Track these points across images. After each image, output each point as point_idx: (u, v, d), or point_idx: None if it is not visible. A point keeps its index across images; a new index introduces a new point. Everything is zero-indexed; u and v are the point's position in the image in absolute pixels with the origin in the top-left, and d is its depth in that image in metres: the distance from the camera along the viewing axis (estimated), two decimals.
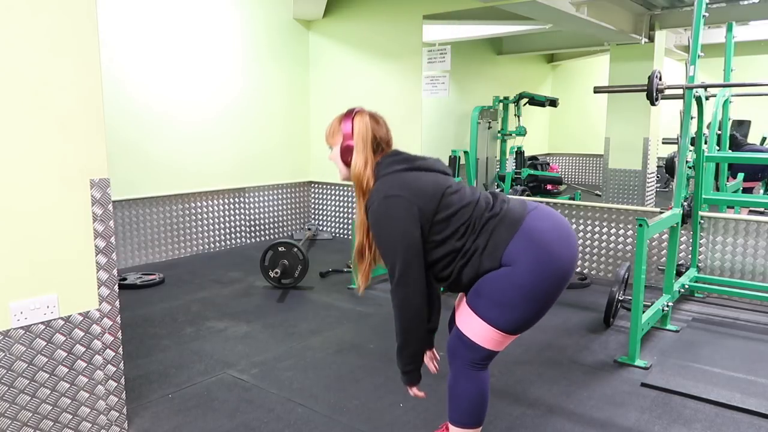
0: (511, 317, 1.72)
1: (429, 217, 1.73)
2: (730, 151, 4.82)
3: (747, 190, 5.47)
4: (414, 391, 1.91)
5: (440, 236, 1.75)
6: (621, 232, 4.51)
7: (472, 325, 1.76)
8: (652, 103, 3.38)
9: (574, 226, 4.72)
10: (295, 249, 4.21)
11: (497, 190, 6.54)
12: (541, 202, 4.91)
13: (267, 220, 5.97)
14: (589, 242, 4.67)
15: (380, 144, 1.87)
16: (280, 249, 4.24)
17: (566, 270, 1.73)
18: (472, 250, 1.74)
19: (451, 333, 1.88)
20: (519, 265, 1.70)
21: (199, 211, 5.35)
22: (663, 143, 5.98)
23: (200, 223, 5.36)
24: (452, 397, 1.86)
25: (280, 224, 6.12)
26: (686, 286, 3.78)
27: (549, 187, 7.19)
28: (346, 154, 1.84)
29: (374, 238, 1.78)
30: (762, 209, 4.92)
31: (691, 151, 3.80)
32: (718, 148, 4.51)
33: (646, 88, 3.34)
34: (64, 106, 1.97)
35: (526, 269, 1.69)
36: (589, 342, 3.28)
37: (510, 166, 6.93)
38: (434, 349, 2.05)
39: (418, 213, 1.71)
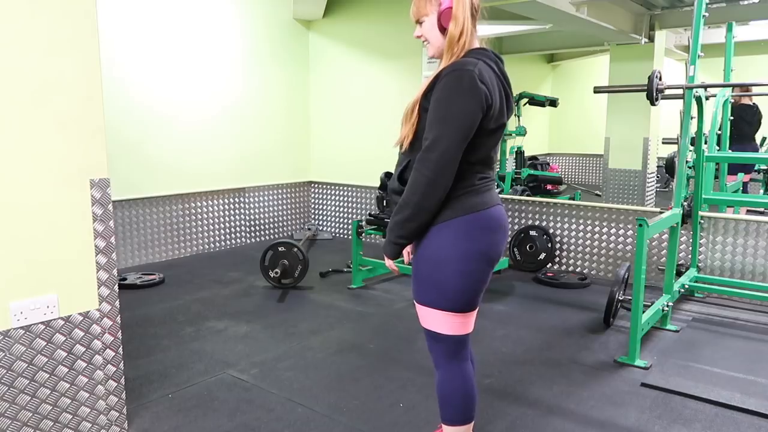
0: (451, 296, 1.72)
1: (485, 118, 1.66)
2: (730, 151, 4.82)
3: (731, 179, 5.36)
4: (391, 264, 1.85)
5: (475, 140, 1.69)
6: (621, 232, 4.51)
7: (428, 317, 1.78)
8: (652, 103, 3.39)
9: (574, 226, 4.72)
10: (295, 249, 4.21)
11: (496, 191, 6.53)
12: (541, 202, 4.92)
13: (267, 220, 5.97)
14: (589, 242, 4.67)
15: (475, 15, 1.76)
16: (280, 249, 4.24)
17: (493, 243, 1.73)
18: (469, 168, 1.70)
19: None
20: (442, 242, 1.70)
21: (199, 211, 5.35)
22: (663, 143, 5.98)
23: (200, 223, 5.36)
24: (441, 397, 1.87)
25: (280, 224, 6.12)
26: (686, 286, 3.78)
27: (549, 187, 7.20)
28: (446, 17, 1.71)
29: (434, 103, 1.65)
30: (762, 209, 4.92)
31: (691, 151, 3.80)
32: (718, 148, 4.52)
33: (646, 88, 3.34)
34: (64, 106, 1.97)
35: (449, 245, 1.69)
36: (589, 342, 3.28)
37: (510, 166, 6.93)
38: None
39: (486, 106, 1.64)
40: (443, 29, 1.73)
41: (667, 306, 3.37)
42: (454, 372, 1.82)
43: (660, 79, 3.34)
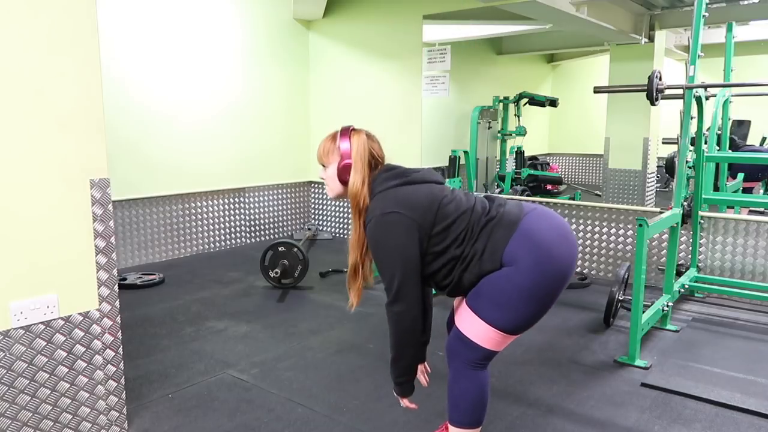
0: (511, 317, 1.72)
1: (427, 230, 1.74)
2: (729, 151, 4.82)
3: (747, 190, 5.47)
4: (406, 402, 1.94)
5: (439, 247, 1.76)
6: (621, 232, 4.51)
7: (472, 326, 1.77)
8: (652, 103, 3.38)
9: (574, 226, 4.72)
10: (295, 249, 4.21)
11: (497, 191, 6.54)
12: (541, 202, 4.91)
13: (267, 220, 5.97)
14: (589, 242, 4.67)
15: (376, 161, 1.88)
16: (280, 249, 4.24)
17: (566, 270, 1.73)
18: (471, 255, 1.75)
19: (451, 333, 1.88)
20: (518, 265, 1.70)
21: (199, 211, 5.35)
22: (663, 143, 5.98)
23: (200, 223, 5.36)
24: (452, 397, 1.86)
25: (280, 224, 6.12)
26: (686, 286, 3.78)
27: (549, 187, 7.20)
28: (344, 173, 1.84)
29: (372, 254, 1.80)
30: (762, 209, 4.92)
31: (691, 151, 3.80)
32: (718, 148, 4.52)
33: (646, 88, 3.34)
34: (64, 106, 1.97)
35: (525, 269, 1.69)
36: (589, 342, 3.28)
37: (510, 166, 6.93)
38: (426, 363, 2.09)
39: (416, 227, 1.73)
40: (344, 181, 1.85)
41: (667, 306, 3.37)
42: (471, 377, 1.82)
43: (660, 79, 3.33)
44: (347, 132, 1.87)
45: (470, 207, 1.80)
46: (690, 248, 4.13)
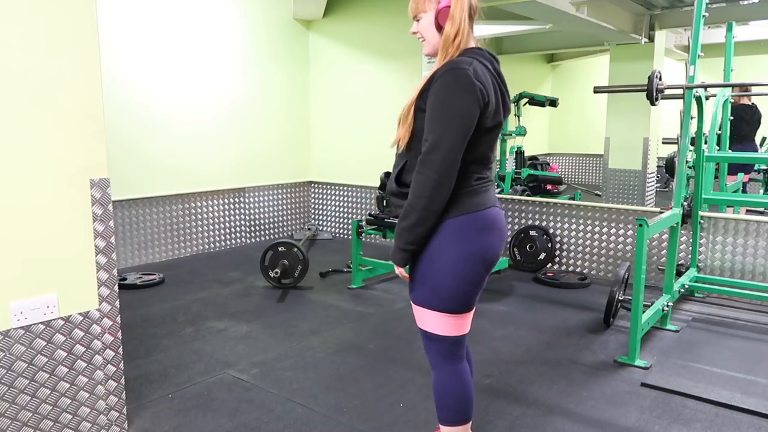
0: (447, 297, 1.72)
1: (482, 118, 1.66)
2: (730, 151, 4.82)
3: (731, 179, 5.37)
4: (402, 271, 1.82)
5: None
6: (621, 232, 4.51)
7: (423, 318, 1.78)
8: (652, 103, 3.38)
9: (574, 226, 4.72)
10: (295, 249, 4.21)
11: (497, 191, 6.54)
12: (541, 202, 4.91)
13: (267, 220, 5.97)
14: (589, 242, 4.67)
15: (472, 16, 1.76)
16: (280, 249, 4.24)
17: (492, 246, 1.73)
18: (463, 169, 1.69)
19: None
20: (440, 243, 1.70)
21: (199, 211, 5.35)
22: (663, 143, 5.98)
23: (200, 223, 5.36)
24: (437, 397, 1.87)
25: (280, 224, 6.12)
26: (686, 286, 3.78)
27: (549, 187, 7.20)
28: (443, 16, 1.71)
29: (430, 107, 1.64)
30: (762, 209, 4.92)
31: (691, 151, 3.80)
32: (718, 148, 4.51)
33: (646, 88, 3.34)
34: (64, 106, 1.97)
35: (445, 247, 1.70)
36: (589, 342, 3.28)
37: (510, 166, 6.93)
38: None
39: (483, 103, 1.64)
40: (440, 28, 1.73)
41: (667, 306, 3.37)
42: (450, 372, 1.82)
43: (660, 79, 3.34)
44: None
45: (495, 151, 1.78)
46: (690, 248, 4.13)
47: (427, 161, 1.62)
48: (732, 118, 4.92)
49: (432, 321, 1.76)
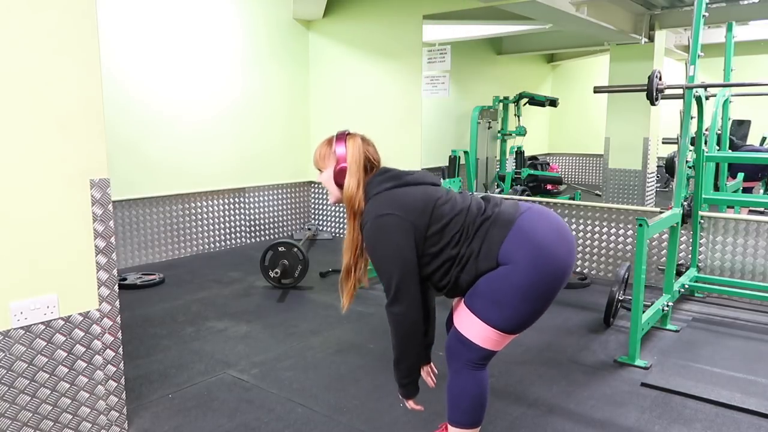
0: (508, 316, 1.72)
1: (422, 231, 1.75)
2: (729, 151, 4.82)
3: (746, 190, 5.47)
4: (411, 404, 1.94)
5: (436, 248, 1.77)
6: (621, 232, 4.51)
7: (471, 326, 1.77)
8: (652, 103, 3.38)
9: (574, 226, 4.72)
10: (295, 249, 4.21)
11: (497, 191, 6.54)
12: (541, 202, 4.91)
13: (267, 220, 5.97)
14: (589, 242, 4.67)
15: (372, 164, 1.89)
16: (280, 249, 4.23)
17: (563, 268, 1.73)
18: (467, 255, 1.75)
19: (450, 333, 1.88)
20: (515, 264, 1.70)
21: (199, 211, 5.35)
22: (663, 143, 5.98)
23: (200, 223, 5.36)
24: (451, 397, 1.86)
25: (280, 224, 6.12)
26: (686, 286, 3.78)
27: (549, 187, 7.19)
28: (340, 176, 1.86)
29: (370, 256, 1.80)
30: (762, 209, 4.92)
31: (691, 151, 3.80)
32: (718, 148, 4.52)
33: (646, 88, 3.34)
34: (64, 106, 1.97)
35: (522, 268, 1.69)
36: (589, 342, 3.28)
37: (510, 166, 6.93)
38: (432, 364, 2.10)
39: (412, 229, 1.73)
40: (339, 185, 1.87)
41: (667, 306, 3.37)
42: (470, 377, 1.82)
43: (660, 79, 3.33)
44: (343, 136, 1.89)
45: (466, 207, 1.80)
46: (690, 248, 4.13)
47: (391, 314, 1.81)
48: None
49: (478, 331, 1.76)
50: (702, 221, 4.03)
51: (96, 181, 2.07)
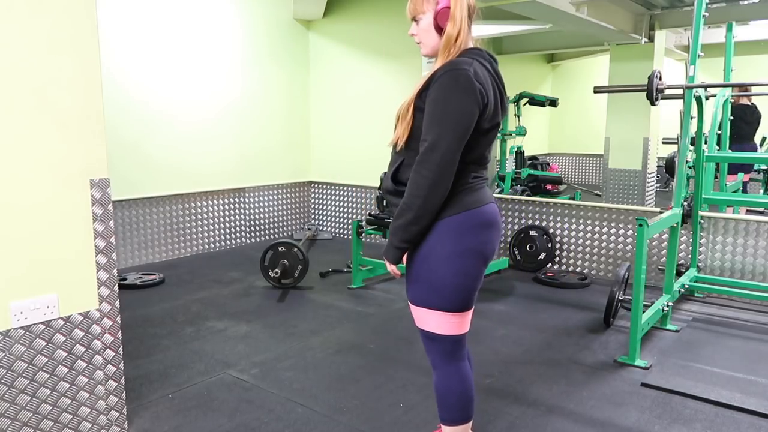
0: (446, 294, 1.71)
1: (480, 119, 1.66)
2: (730, 151, 4.82)
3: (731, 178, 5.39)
4: (394, 269, 1.83)
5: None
6: (621, 232, 4.51)
7: (424, 318, 1.78)
8: (652, 103, 3.38)
9: (574, 226, 4.72)
10: (295, 249, 4.21)
11: (497, 191, 6.54)
12: (541, 202, 4.91)
13: (267, 220, 5.97)
14: (589, 242, 4.67)
15: (471, 16, 1.76)
16: (280, 249, 4.24)
17: (485, 224, 1.73)
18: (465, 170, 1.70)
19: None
20: (436, 241, 1.69)
21: (199, 211, 5.35)
22: (663, 143, 5.98)
23: (200, 223, 5.36)
24: (438, 397, 1.87)
25: (280, 224, 6.12)
26: (686, 286, 3.78)
27: (549, 187, 7.20)
28: (442, 18, 1.70)
29: (431, 104, 1.64)
30: (762, 209, 4.92)
31: (691, 151, 3.80)
32: (718, 148, 4.51)
33: (646, 88, 3.34)
34: (64, 106, 1.97)
35: (441, 243, 1.69)
36: (589, 342, 3.28)
37: (510, 166, 6.93)
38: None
39: (482, 106, 1.64)
40: (439, 29, 1.72)
41: (667, 306, 3.37)
42: (451, 372, 1.82)
43: (660, 79, 3.34)
44: None
45: (487, 154, 1.78)
46: (690, 248, 4.13)
47: (424, 161, 1.62)
48: (731, 118, 4.93)
49: (432, 320, 1.76)
50: (702, 221, 4.03)
51: (96, 181, 2.07)
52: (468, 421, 1.89)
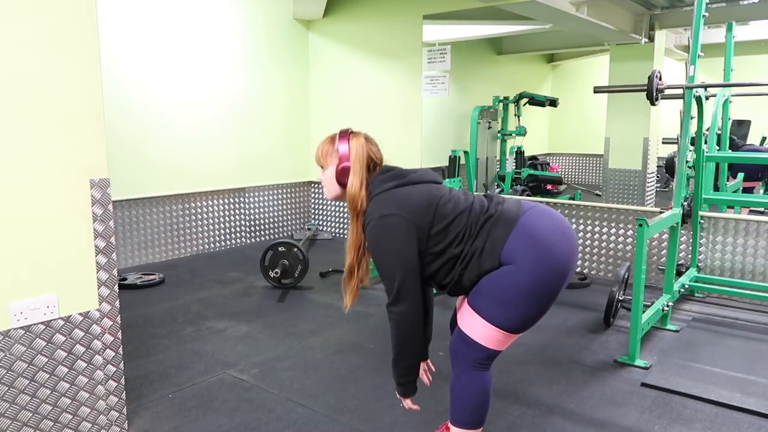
0: (512, 316, 1.72)
1: (426, 230, 1.75)
2: (729, 151, 4.82)
3: (747, 190, 5.47)
4: (408, 403, 1.93)
5: (439, 247, 1.77)
6: (621, 232, 4.51)
7: (475, 325, 1.77)
8: (652, 103, 3.38)
9: (574, 226, 4.72)
10: (295, 249, 4.21)
11: (496, 191, 6.54)
12: (541, 202, 4.91)
13: (267, 220, 5.97)
14: (589, 242, 4.67)
15: (374, 163, 1.89)
16: (280, 249, 4.23)
17: (566, 266, 1.74)
18: (471, 253, 1.75)
19: (454, 333, 1.88)
20: (518, 263, 1.70)
21: (199, 211, 5.35)
22: (663, 143, 5.98)
23: (200, 223, 5.36)
24: (455, 397, 1.86)
25: (280, 224, 6.12)
26: (686, 286, 3.78)
27: (549, 187, 7.20)
28: (342, 175, 1.85)
29: (372, 257, 1.80)
30: (762, 209, 4.92)
31: (691, 151, 3.80)
32: (718, 148, 4.52)
33: (646, 88, 3.34)
34: (64, 106, 1.97)
35: (525, 267, 1.70)
36: (589, 342, 3.28)
37: (510, 166, 6.93)
38: (429, 361, 2.09)
39: (415, 229, 1.73)
40: (342, 184, 1.86)
41: (667, 306, 3.37)
42: (474, 378, 1.83)
43: (660, 79, 3.33)
44: (346, 135, 1.88)
45: (469, 206, 1.80)
46: (690, 248, 4.13)
47: (390, 313, 1.80)
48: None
49: (485, 333, 1.76)
50: (702, 221, 4.03)
51: (96, 181, 2.07)
52: (479, 427, 1.89)
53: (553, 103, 7.22)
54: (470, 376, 1.82)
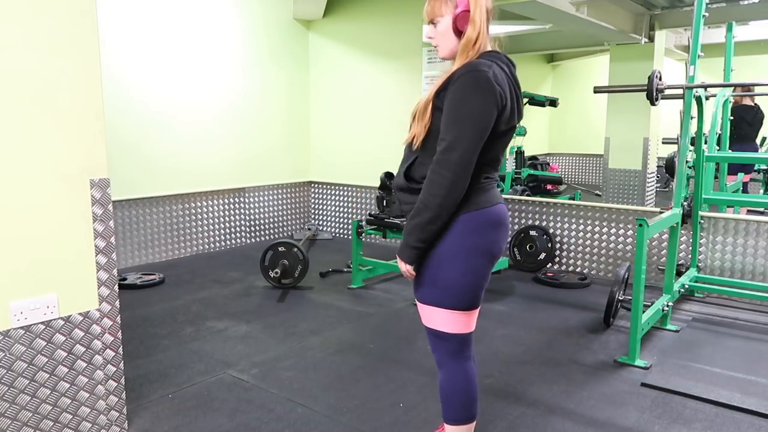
0: (455, 293, 1.72)
1: (497, 122, 1.67)
2: (730, 151, 4.82)
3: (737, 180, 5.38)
4: (409, 269, 1.79)
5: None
6: (621, 232, 4.51)
7: (432, 317, 1.78)
8: (652, 103, 3.38)
9: (574, 226, 4.72)
10: (295, 249, 4.21)
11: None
12: (541, 202, 4.92)
13: (267, 220, 5.97)
14: (589, 242, 4.67)
15: (489, 18, 1.77)
16: (280, 249, 4.24)
17: (492, 241, 1.74)
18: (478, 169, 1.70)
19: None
20: (437, 247, 1.71)
21: (199, 211, 5.35)
22: (663, 143, 5.98)
23: (200, 223, 5.36)
24: (444, 396, 1.87)
25: (280, 224, 6.12)
26: (686, 286, 3.78)
27: (549, 187, 7.19)
28: (462, 20, 1.70)
29: (450, 104, 1.64)
30: (762, 209, 4.92)
31: (691, 151, 3.80)
32: (718, 148, 4.52)
33: (646, 88, 3.34)
34: (64, 106, 1.97)
35: (441, 245, 1.71)
36: (589, 342, 3.28)
37: (510, 166, 6.92)
38: None
39: (500, 107, 1.64)
40: (458, 32, 1.72)
41: (667, 306, 3.37)
42: (457, 370, 1.83)
43: (660, 79, 3.34)
44: None
45: (500, 156, 1.79)
46: (690, 248, 4.13)
47: (443, 161, 1.62)
48: (732, 118, 4.92)
49: (441, 319, 1.77)
50: (702, 221, 4.03)
51: (96, 181, 2.07)
52: (472, 421, 1.89)
53: (553, 103, 7.21)
54: (453, 371, 1.83)
